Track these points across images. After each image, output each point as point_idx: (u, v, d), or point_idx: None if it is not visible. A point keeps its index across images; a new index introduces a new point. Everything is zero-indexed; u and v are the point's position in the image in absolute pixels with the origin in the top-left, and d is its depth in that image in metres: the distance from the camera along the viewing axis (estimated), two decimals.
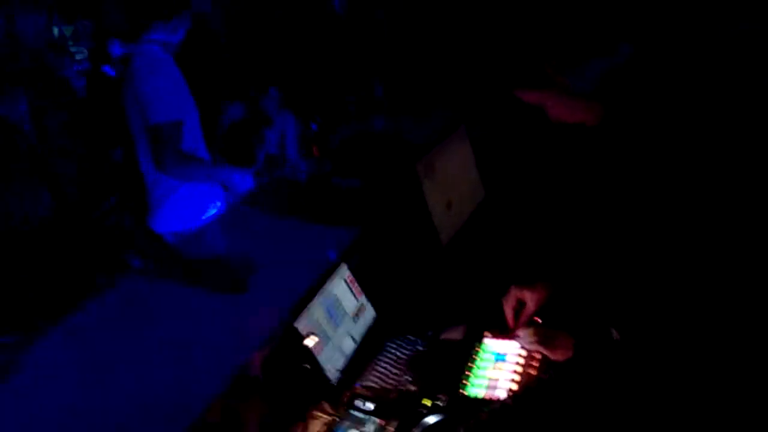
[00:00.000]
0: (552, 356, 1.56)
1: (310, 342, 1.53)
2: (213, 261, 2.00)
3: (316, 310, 1.61)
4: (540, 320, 1.69)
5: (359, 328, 1.73)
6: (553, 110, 1.54)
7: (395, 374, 1.60)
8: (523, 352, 1.60)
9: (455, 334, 1.71)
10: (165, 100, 2.35)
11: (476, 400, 1.48)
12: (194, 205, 2.55)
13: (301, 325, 1.54)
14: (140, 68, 2.38)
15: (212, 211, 2.60)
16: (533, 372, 1.54)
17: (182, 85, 2.42)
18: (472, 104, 2.50)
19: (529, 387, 1.49)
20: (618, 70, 1.45)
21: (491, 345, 1.65)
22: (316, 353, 1.54)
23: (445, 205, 2.12)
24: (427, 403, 1.45)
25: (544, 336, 1.60)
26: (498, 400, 1.46)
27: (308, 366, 1.52)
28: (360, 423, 1.43)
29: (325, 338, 1.60)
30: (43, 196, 1.73)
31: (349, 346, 1.67)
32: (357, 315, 1.75)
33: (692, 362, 1.32)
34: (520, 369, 1.55)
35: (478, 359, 1.60)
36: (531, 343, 1.60)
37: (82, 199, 1.82)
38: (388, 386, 1.55)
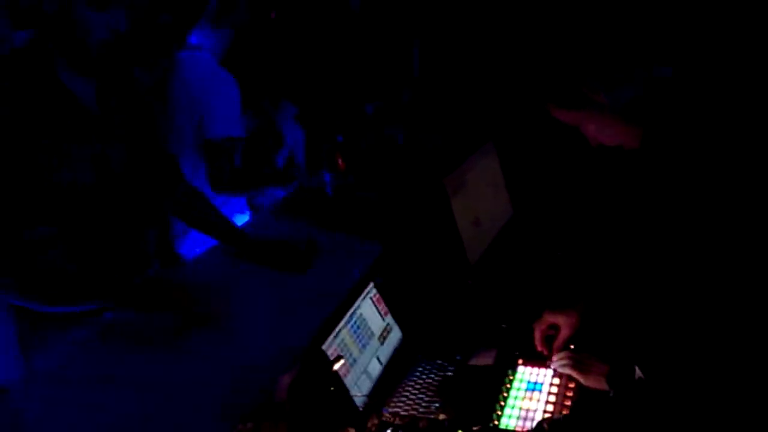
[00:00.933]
0: (585, 382, 1.50)
1: (338, 365, 1.47)
2: (276, 242, 2.00)
3: (344, 332, 1.56)
4: (572, 346, 1.63)
5: (386, 350, 1.68)
6: (591, 131, 1.49)
7: (423, 400, 1.54)
8: (557, 381, 1.54)
9: (485, 359, 1.65)
10: (225, 113, 2.21)
11: None
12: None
13: (329, 347, 1.49)
14: (199, 77, 2.23)
15: (240, 220, 2.55)
16: (567, 402, 1.49)
17: (238, 99, 2.27)
18: (502, 119, 2.45)
19: (558, 422, 1.43)
20: (658, 92, 1.40)
21: (524, 373, 1.59)
22: (342, 376, 1.49)
23: (472, 223, 2.07)
24: None
25: (578, 361, 1.55)
26: None
27: (334, 389, 1.47)
28: None
29: (351, 361, 1.55)
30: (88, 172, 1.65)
31: (375, 369, 1.61)
32: (383, 336, 1.69)
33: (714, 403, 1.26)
34: (554, 399, 1.50)
35: (512, 388, 1.54)
36: (564, 366, 1.55)
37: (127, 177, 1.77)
38: (417, 414, 1.49)
